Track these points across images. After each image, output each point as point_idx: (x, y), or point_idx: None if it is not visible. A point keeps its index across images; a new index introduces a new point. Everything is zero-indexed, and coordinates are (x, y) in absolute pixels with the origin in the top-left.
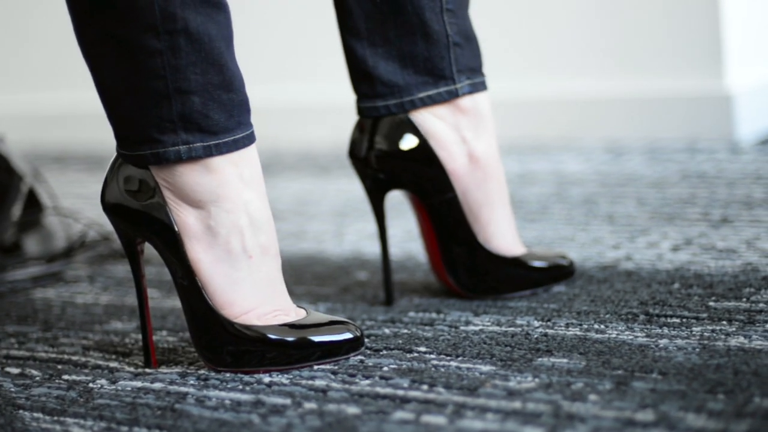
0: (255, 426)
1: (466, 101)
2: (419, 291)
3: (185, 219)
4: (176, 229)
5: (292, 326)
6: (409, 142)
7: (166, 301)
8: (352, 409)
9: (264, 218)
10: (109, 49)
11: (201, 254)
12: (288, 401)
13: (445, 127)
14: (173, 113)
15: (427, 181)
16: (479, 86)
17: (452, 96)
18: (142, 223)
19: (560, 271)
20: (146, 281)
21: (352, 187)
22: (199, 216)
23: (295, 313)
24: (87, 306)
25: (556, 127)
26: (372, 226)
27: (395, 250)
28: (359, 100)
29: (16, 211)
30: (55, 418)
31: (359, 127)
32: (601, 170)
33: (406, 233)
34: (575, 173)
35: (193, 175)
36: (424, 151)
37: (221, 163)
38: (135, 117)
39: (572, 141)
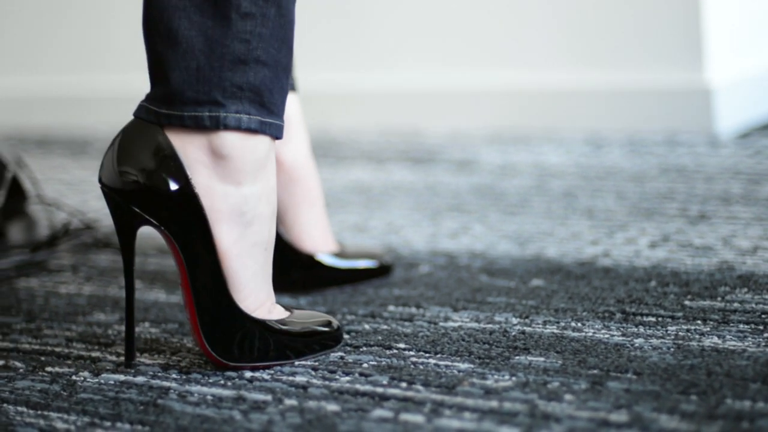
0: (236, 422)
1: None
2: (399, 284)
3: (219, 205)
4: (207, 214)
5: (295, 320)
6: None
7: (148, 293)
8: (332, 407)
9: (277, 207)
10: (200, 1)
11: (232, 240)
12: (269, 397)
13: None
14: (244, 80)
15: None
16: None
17: None
18: (169, 206)
19: (364, 273)
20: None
21: (335, 176)
22: (235, 200)
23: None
24: (70, 296)
25: (538, 118)
26: (353, 217)
27: (376, 242)
28: None
29: (0, 199)
30: (39, 412)
31: None
32: (581, 162)
33: (386, 225)
34: (556, 165)
35: (239, 149)
36: None
37: (265, 145)
38: (203, 76)
39: (553, 132)
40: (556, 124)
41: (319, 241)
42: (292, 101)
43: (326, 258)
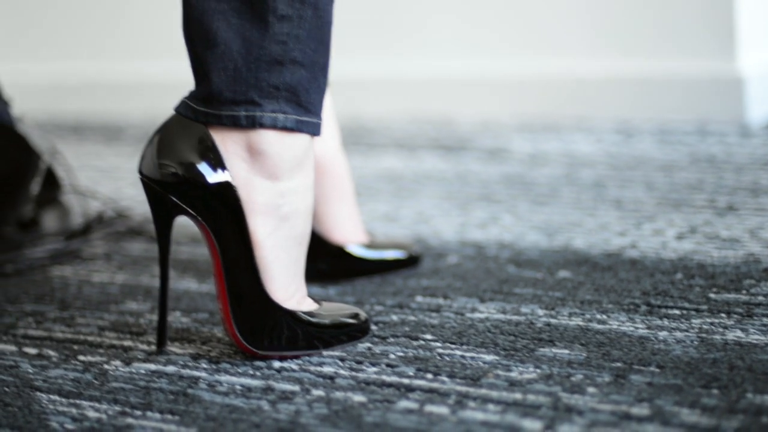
0: (264, 412)
1: None
2: (427, 274)
3: (256, 197)
4: (243, 206)
5: (324, 313)
6: None
7: (180, 282)
8: (359, 397)
9: (313, 204)
10: (238, 4)
11: (266, 233)
12: (297, 388)
13: None
14: (281, 80)
15: None
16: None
17: None
18: (207, 198)
19: (393, 264)
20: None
21: (366, 164)
22: (271, 194)
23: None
24: (103, 285)
25: (569, 107)
26: (383, 206)
27: (405, 231)
28: None
29: (35, 187)
30: (72, 400)
31: None
32: (611, 152)
33: (417, 214)
34: (586, 154)
35: (276, 146)
36: None
37: (303, 142)
38: (240, 76)
39: (584, 121)
40: (587, 112)
41: (349, 233)
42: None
43: (355, 249)
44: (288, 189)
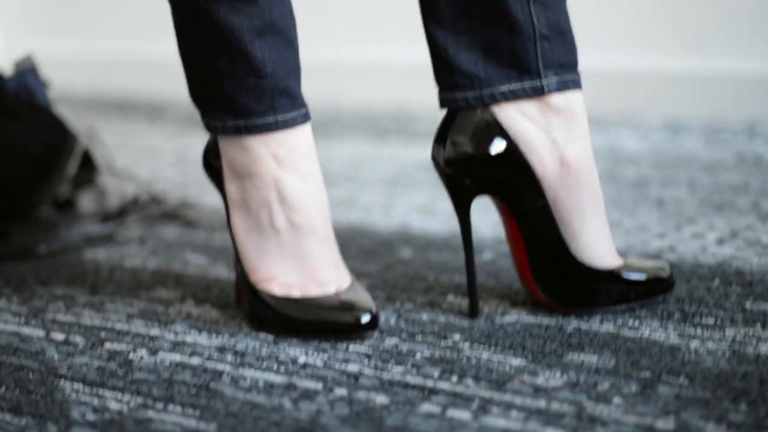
0: (285, 411)
1: (557, 99)
2: (460, 271)
3: (229, 188)
4: (226, 196)
5: (296, 301)
6: (497, 145)
7: (211, 270)
8: (381, 399)
9: (298, 197)
10: (179, 31)
11: (238, 222)
12: (320, 386)
13: (534, 129)
14: (210, 93)
15: (516, 188)
16: (570, 84)
17: (537, 92)
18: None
19: (658, 285)
20: None
21: (407, 153)
22: (238, 187)
23: (335, 287)
24: (135, 270)
25: (616, 102)
26: (421, 198)
27: (440, 227)
28: (439, 91)
29: (72, 169)
30: (94, 390)
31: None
32: (657, 149)
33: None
34: (631, 151)
35: (231, 150)
36: (514, 156)
37: (253, 142)
38: (196, 90)
39: (631, 117)
40: (634, 107)
41: (606, 251)
42: (576, 97)
43: (620, 271)
44: (249, 185)
